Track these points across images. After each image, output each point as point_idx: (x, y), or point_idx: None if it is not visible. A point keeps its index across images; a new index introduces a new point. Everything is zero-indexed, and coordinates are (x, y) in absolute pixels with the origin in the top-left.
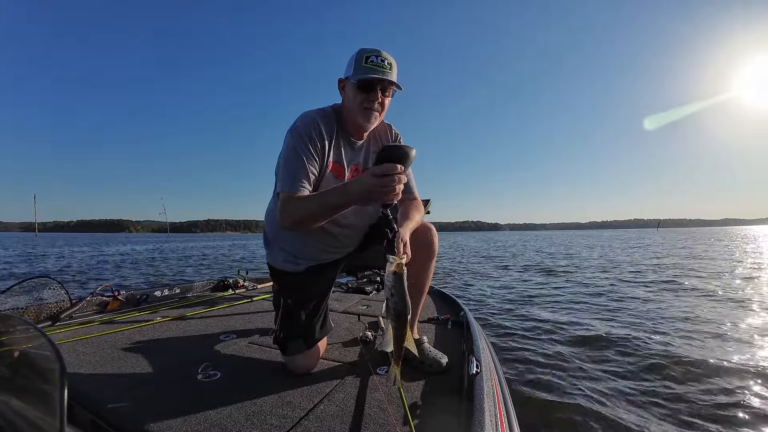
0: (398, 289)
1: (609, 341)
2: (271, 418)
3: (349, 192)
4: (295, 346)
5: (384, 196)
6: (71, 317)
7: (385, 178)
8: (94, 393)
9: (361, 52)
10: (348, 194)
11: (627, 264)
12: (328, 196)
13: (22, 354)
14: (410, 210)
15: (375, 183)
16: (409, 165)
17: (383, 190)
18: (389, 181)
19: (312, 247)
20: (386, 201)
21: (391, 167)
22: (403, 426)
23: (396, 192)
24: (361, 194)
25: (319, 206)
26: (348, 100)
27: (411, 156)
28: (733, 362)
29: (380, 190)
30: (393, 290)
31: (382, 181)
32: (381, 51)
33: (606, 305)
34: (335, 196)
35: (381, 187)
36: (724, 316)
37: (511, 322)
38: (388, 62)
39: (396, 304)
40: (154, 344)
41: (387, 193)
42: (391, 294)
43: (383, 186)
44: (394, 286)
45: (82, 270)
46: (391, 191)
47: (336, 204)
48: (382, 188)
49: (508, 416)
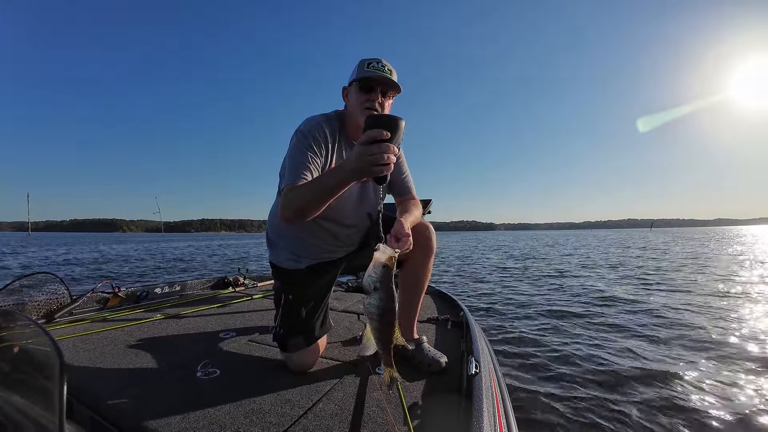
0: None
1: (610, 341)
2: (270, 416)
3: (342, 168)
4: (295, 343)
5: (373, 166)
6: (71, 313)
7: (373, 146)
8: (93, 389)
9: (363, 60)
10: (341, 170)
11: (633, 266)
12: (323, 176)
13: (22, 350)
14: (409, 206)
15: (362, 151)
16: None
17: (372, 158)
18: (377, 148)
19: (314, 246)
20: (377, 173)
21: (377, 132)
22: (402, 425)
23: (386, 161)
24: (352, 168)
25: (316, 190)
26: (351, 102)
27: (399, 125)
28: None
29: (369, 158)
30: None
31: (369, 148)
32: (382, 59)
33: (607, 305)
34: (330, 175)
35: (369, 155)
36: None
37: (510, 322)
38: (389, 68)
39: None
40: (154, 341)
41: (376, 162)
42: (374, 288)
43: (371, 154)
44: (380, 279)
45: (81, 267)
46: (380, 159)
47: (332, 183)
48: (370, 156)
49: (507, 416)
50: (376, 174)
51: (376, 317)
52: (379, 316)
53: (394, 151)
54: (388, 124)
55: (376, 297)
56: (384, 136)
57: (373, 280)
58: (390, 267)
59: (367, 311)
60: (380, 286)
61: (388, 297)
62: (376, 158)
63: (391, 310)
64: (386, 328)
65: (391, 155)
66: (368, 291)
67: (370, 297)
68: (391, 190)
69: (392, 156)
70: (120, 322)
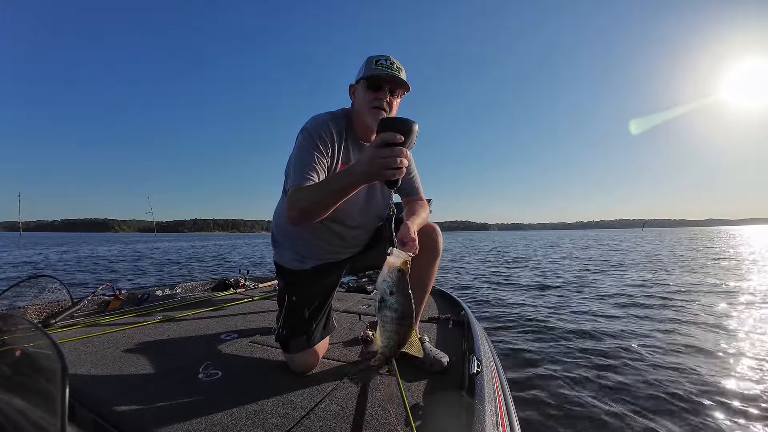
0: (401, 288)
1: (611, 341)
2: (272, 417)
3: (351, 171)
4: (297, 344)
5: (385, 169)
6: (72, 316)
7: (386, 149)
8: (95, 392)
9: (371, 57)
10: (351, 173)
11: (631, 265)
12: (332, 179)
13: (23, 353)
14: (416, 208)
15: (374, 154)
16: (412, 139)
17: (383, 161)
18: (390, 152)
19: (319, 247)
20: (389, 176)
21: (391, 136)
22: (404, 425)
23: (398, 165)
24: (363, 171)
25: (324, 191)
26: (358, 101)
27: (413, 129)
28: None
29: (380, 161)
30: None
31: (381, 152)
32: (390, 56)
33: (608, 306)
34: (339, 177)
35: (381, 158)
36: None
37: (512, 321)
38: (397, 66)
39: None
40: (155, 343)
41: (388, 165)
42: (390, 292)
43: (383, 157)
44: (396, 284)
45: (80, 268)
46: (392, 163)
47: (341, 186)
48: (382, 159)
49: (509, 415)
50: (388, 178)
51: (395, 321)
52: (398, 320)
53: (406, 155)
54: (401, 128)
55: (393, 301)
56: (397, 139)
57: (388, 285)
58: (405, 272)
59: (383, 315)
60: (397, 290)
61: (406, 302)
62: (389, 162)
63: (410, 315)
64: (405, 332)
65: (404, 159)
66: (383, 295)
67: (386, 301)
68: (398, 190)
69: (405, 160)
70: (121, 324)
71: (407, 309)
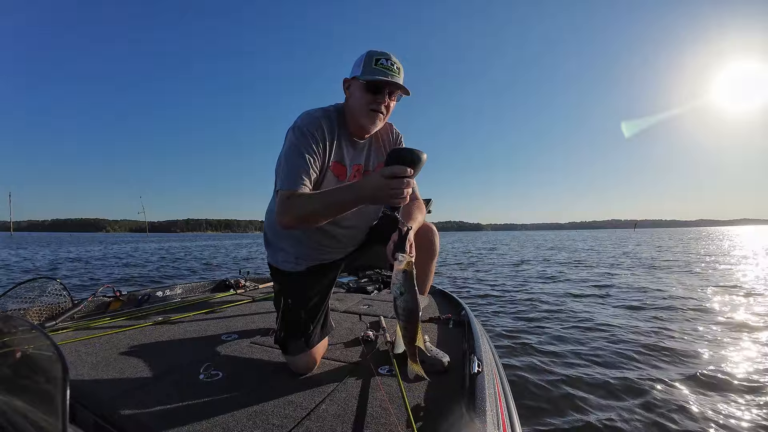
0: (409, 288)
1: (613, 341)
2: (273, 418)
3: (356, 192)
4: (297, 345)
5: (391, 199)
6: (73, 318)
7: (394, 181)
8: (95, 393)
9: (371, 53)
10: (355, 194)
11: (635, 264)
12: (333, 194)
13: (24, 355)
14: (413, 210)
15: (383, 184)
16: (419, 169)
17: (391, 192)
18: (398, 183)
19: (312, 248)
20: (393, 204)
21: (401, 170)
22: (405, 426)
23: (404, 196)
24: (368, 195)
25: (323, 205)
26: (353, 100)
27: (422, 160)
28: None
29: (388, 192)
30: (403, 288)
31: (390, 183)
32: (390, 54)
33: (609, 306)
34: (341, 194)
35: (389, 188)
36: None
37: (512, 321)
38: (397, 66)
39: (407, 303)
40: (156, 345)
41: (395, 196)
42: (401, 293)
43: (391, 188)
44: (404, 284)
45: (79, 269)
46: (399, 194)
47: (342, 203)
48: (390, 190)
49: (510, 415)
50: (393, 205)
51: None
52: (406, 316)
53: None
54: (410, 161)
55: (403, 300)
56: (407, 173)
57: (398, 287)
58: (410, 271)
59: (396, 314)
60: (404, 290)
61: (412, 298)
62: (396, 192)
63: (415, 310)
64: (412, 327)
65: (409, 189)
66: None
67: (398, 300)
68: None
69: (410, 189)
70: (122, 326)
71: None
